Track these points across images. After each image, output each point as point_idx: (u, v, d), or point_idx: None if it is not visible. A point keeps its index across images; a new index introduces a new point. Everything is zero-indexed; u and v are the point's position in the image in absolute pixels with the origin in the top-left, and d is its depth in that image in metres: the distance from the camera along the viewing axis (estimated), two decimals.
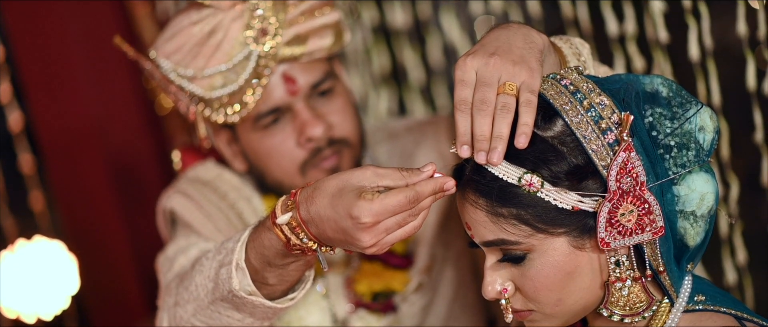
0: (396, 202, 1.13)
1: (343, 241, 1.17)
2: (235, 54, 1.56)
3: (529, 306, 1.18)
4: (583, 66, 1.26)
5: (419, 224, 1.16)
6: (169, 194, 1.72)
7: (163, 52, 1.60)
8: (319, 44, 1.59)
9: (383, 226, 1.14)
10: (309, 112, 1.60)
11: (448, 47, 2.40)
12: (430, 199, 1.15)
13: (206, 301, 1.38)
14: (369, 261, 1.71)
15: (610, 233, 1.12)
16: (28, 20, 2.64)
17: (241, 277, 1.29)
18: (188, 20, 1.58)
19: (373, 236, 1.14)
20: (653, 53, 1.87)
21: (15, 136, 2.70)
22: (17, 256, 2.68)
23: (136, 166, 2.76)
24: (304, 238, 1.20)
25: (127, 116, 2.74)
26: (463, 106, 1.14)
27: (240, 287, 1.30)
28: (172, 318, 1.46)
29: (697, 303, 1.19)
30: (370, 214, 1.13)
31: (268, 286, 1.31)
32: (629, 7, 1.89)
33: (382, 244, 1.16)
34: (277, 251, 1.25)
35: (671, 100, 1.17)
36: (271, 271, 1.28)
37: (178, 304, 1.44)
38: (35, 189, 2.74)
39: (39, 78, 2.68)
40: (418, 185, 1.14)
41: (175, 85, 1.60)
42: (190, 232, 1.65)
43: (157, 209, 1.75)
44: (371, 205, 1.13)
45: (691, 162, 1.15)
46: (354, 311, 1.71)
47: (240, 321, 1.37)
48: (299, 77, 1.59)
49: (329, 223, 1.16)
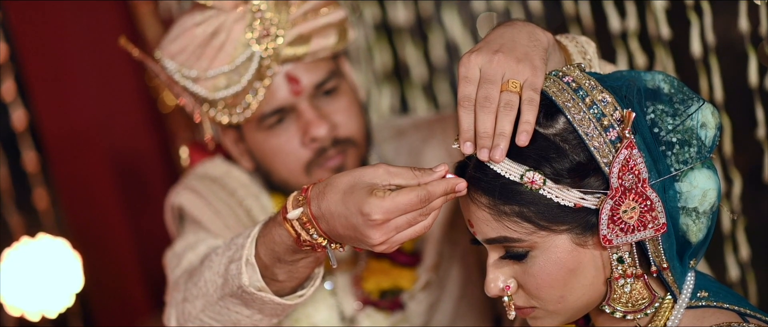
0: (407, 201, 1.13)
1: (352, 237, 1.17)
2: (237, 55, 1.56)
3: (532, 303, 1.18)
4: (588, 64, 1.26)
5: (430, 224, 1.16)
6: (178, 190, 1.72)
7: (167, 52, 1.60)
8: (323, 44, 1.59)
9: (393, 224, 1.14)
10: (313, 112, 1.60)
11: (450, 44, 2.41)
12: (442, 199, 1.15)
13: (215, 297, 1.38)
14: (377, 259, 1.71)
15: (612, 230, 1.12)
16: (31, 18, 2.65)
17: (251, 273, 1.30)
18: (192, 21, 1.58)
19: (382, 234, 1.14)
20: (655, 50, 1.87)
21: (19, 134, 2.70)
22: (21, 254, 2.69)
23: (139, 164, 2.77)
24: (314, 233, 1.21)
25: (131, 114, 2.74)
26: (467, 102, 1.15)
27: (249, 283, 1.30)
28: (180, 314, 1.46)
29: (700, 299, 1.19)
30: (381, 212, 1.13)
31: (278, 282, 1.31)
32: (631, 3, 1.89)
33: (392, 243, 1.16)
34: (287, 247, 1.25)
35: (673, 97, 1.17)
36: (281, 267, 1.29)
37: (187, 299, 1.44)
38: (39, 187, 2.74)
39: (43, 76, 2.69)
40: (430, 185, 1.15)
41: (179, 86, 1.60)
42: (198, 228, 1.65)
43: (165, 205, 1.75)
44: (382, 202, 1.13)
45: (693, 158, 1.15)
46: (362, 309, 1.71)
47: (249, 317, 1.37)
48: (303, 77, 1.59)
49: (340, 220, 1.17)
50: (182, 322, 1.46)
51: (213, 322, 1.42)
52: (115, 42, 2.69)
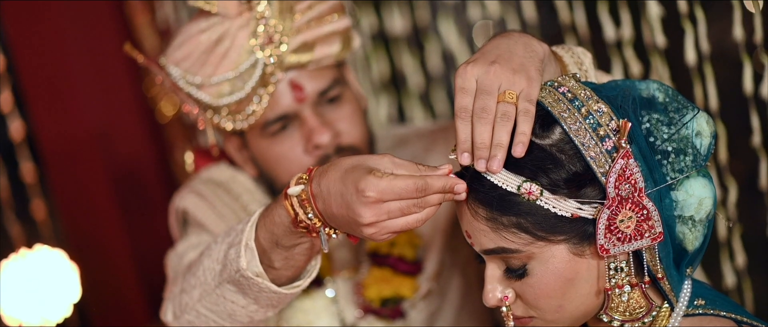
0: (404, 185, 1.14)
1: (345, 218, 1.17)
2: (241, 62, 1.56)
3: (530, 313, 1.19)
4: (584, 75, 1.26)
5: (423, 219, 1.16)
6: (183, 194, 1.73)
7: (172, 59, 1.61)
8: (327, 51, 1.60)
9: (386, 208, 1.14)
10: (316, 120, 1.60)
11: (447, 53, 2.41)
12: (439, 196, 1.16)
13: (213, 285, 1.38)
14: (379, 267, 1.71)
15: (609, 240, 1.13)
16: (28, 29, 2.65)
17: (250, 257, 1.30)
18: (197, 28, 1.59)
19: (373, 214, 1.14)
20: (650, 58, 1.87)
21: (16, 145, 2.70)
22: (19, 265, 2.69)
23: (137, 175, 2.77)
24: (310, 213, 1.21)
25: (128, 125, 2.74)
26: (464, 113, 1.15)
27: (247, 267, 1.30)
28: (177, 306, 1.46)
29: (697, 307, 1.20)
30: (376, 190, 1.13)
31: (274, 269, 1.31)
32: (626, 11, 1.90)
33: (381, 228, 1.16)
34: (285, 228, 1.26)
35: (668, 106, 1.17)
36: (278, 252, 1.29)
37: (184, 290, 1.45)
38: (37, 198, 2.74)
39: (40, 87, 2.69)
40: (430, 178, 1.15)
41: (184, 92, 1.61)
42: (201, 230, 1.66)
43: (170, 209, 1.75)
44: (379, 181, 1.14)
45: (688, 167, 1.15)
46: (363, 317, 1.71)
47: (244, 307, 1.38)
48: (306, 84, 1.59)
49: (335, 198, 1.17)
50: (178, 314, 1.46)
51: (209, 313, 1.42)
52: (113, 52, 2.70)
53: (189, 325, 1.45)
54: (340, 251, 1.73)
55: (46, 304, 2.68)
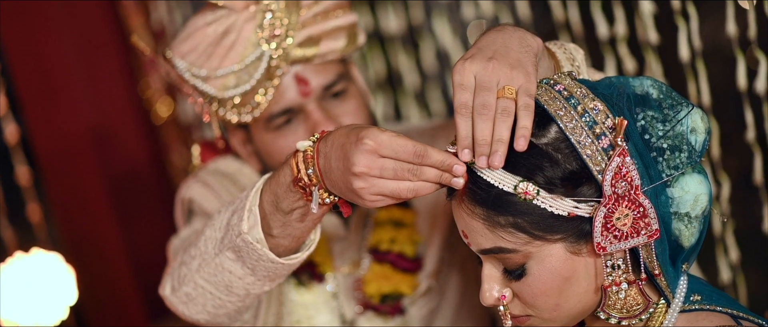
0: (403, 144, 1.15)
1: (340, 169, 1.18)
2: (247, 54, 1.57)
3: (528, 311, 1.19)
4: (577, 71, 1.26)
5: (414, 189, 1.17)
6: (189, 183, 1.74)
7: (178, 51, 1.61)
8: (332, 46, 1.60)
9: (380, 163, 1.15)
10: (321, 114, 1.60)
11: (442, 52, 2.42)
12: (435, 172, 1.16)
13: (212, 253, 1.39)
14: (379, 263, 1.72)
15: (606, 238, 1.13)
16: (23, 32, 2.65)
17: (253, 222, 1.32)
18: (203, 21, 1.59)
19: (367, 163, 1.15)
20: (644, 54, 1.88)
21: (11, 149, 2.70)
22: (15, 269, 2.68)
23: (132, 177, 2.76)
24: (310, 170, 1.22)
25: (124, 127, 2.74)
26: (464, 110, 1.15)
27: (248, 231, 1.32)
28: (176, 279, 1.47)
29: (694, 303, 1.20)
30: (376, 141, 1.15)
31: (272, 237, 1.33)
32: (619, 8, 1.90)
33: (371, 185, 1.16)
34: (286, 188, 1.27)
35: (662, 103, 1.17)
36: (277, 218, 1.30)
37: (184, 262, 1.46)
38: (32, 201, 2.74)
39: (35, 90, 2.69)
40: (430, 148, 1.16)
41: (189, 85, 1.61)
42: (206, 219, 1.66)
43: (176, 199, 1.76)
44: (380, 133, 1.16)
45: (683, 164, 1.16)
46: (362, 313, 1.72)
47: (241, 279, 1.39)
48: (312, 78, 1.60)
49: (336, 150, 1.19)
50: (176, 286, 1.47)
51: (206, 284, 1.42)
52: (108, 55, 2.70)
53: (186, 299, 1.46)
54: (341, 246, 1.73)
55: (43, 308, 2.68)
